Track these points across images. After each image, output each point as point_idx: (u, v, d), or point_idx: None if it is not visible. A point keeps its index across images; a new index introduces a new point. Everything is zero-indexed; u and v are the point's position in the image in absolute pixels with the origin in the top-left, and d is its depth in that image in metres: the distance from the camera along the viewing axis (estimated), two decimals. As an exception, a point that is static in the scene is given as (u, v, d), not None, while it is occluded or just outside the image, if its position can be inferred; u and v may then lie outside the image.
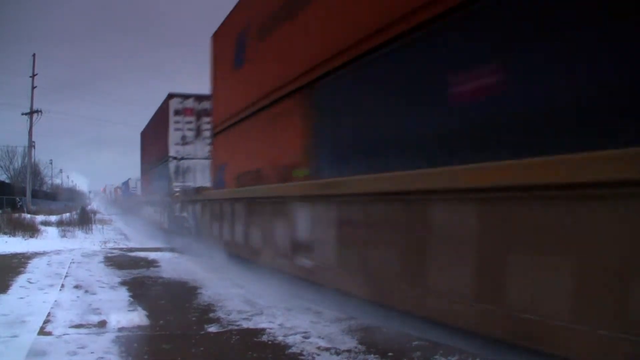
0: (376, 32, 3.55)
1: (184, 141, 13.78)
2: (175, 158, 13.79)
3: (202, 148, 13.61)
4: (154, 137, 16.83)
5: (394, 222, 3.47)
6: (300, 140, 4.84)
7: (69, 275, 6.81)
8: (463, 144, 2.86)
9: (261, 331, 3.94)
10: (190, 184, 12.82)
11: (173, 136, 13.77)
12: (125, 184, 38.04)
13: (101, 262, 8.54)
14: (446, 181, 2.88)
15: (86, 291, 5.65)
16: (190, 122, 13.77)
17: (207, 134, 12.28)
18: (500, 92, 2.59)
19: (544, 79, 2.40)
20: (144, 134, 20.19)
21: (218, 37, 8.09)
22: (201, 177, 13.15)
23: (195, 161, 13.58)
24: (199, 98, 13.52)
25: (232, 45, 7.12)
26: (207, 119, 12.34)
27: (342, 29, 4.07)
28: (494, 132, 2.66)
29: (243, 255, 6.65)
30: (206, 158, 12.43)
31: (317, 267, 4.48)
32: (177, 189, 12.73)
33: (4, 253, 9.48)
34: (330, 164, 4.36)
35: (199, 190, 9.92)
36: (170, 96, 13.85)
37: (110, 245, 12.43)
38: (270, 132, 5.69)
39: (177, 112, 13.78)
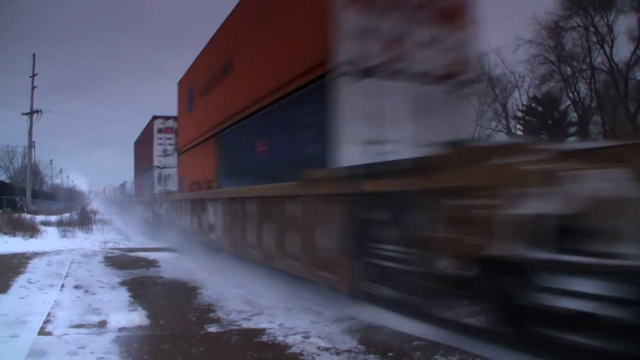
0: (233, 115, 7.35)
1: (165, 154, 16.82)
2: (158, 167, 16.83)
3: None
4: (142, 149, 19.92)
5: (237, 212, 7.08)
6: (214, 165, 8.51)
7: (69, 276, 6.81)
8: (258, 175, 6.44)
9: (261, 331, 3.94)
10: (171, 187, 15.49)
11: (157, 149, 16.92)
12: (123, 185, 38.45)
13: (101, 262, 8.55)
14: (249, 193, 6.58)
15: (86, 291, 5.66)
16: (170, 139, 16.66)
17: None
18: (266, 153, 6.30)
19: (276, 149, 6.07)
20: (136, 145, 23.10)
21: (181, 85, 11.46)
22: None
23: (174, 169, 15.18)
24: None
25: (187, 94, 10.65)
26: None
27: (221, 110, 7.96)
28: (264, 171, 6.29)
29: (190, 236, 9.82)
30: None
31: (217, 238, 8.19)
32: (158, 192, 15.96)
33: (4, 253, 9.50)
34: (223, 180, 8.10)
35: (169, 193, 13.78)
36: (154, 118, 17.14)
37: (110, 245, 12.44)
38: (204, 158, 9.23)
39: (159, 131, 16.97)
